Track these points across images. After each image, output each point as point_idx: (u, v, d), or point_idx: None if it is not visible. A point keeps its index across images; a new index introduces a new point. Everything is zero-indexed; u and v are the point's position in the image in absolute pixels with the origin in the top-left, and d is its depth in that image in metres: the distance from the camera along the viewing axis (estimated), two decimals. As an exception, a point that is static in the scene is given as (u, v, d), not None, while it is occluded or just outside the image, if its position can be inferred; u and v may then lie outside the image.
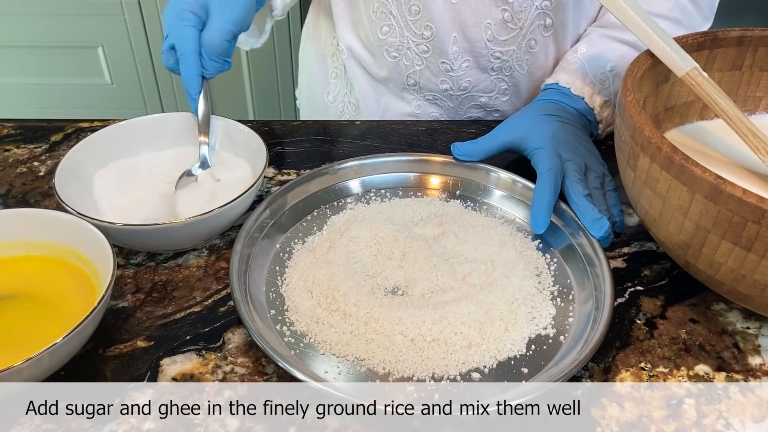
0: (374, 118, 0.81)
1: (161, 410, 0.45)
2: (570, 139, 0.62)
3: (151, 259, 0.57)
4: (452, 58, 0.73)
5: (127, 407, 0.45)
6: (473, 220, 0.61)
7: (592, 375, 0.48)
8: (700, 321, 0.53)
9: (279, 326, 0.51)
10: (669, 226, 0.48)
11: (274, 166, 0.68)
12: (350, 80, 0.81)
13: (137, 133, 0.63)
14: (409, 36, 0.72)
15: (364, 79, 0.80)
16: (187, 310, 0.53)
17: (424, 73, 0.75)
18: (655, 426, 0.45)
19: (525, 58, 0.74)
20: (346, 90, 0.83)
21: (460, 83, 0.75)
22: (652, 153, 0.46)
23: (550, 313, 0.53)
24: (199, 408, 0.45)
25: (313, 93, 0.88)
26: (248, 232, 0.56)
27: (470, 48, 0.72)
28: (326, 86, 0.85)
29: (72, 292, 0.49)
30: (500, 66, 0.74)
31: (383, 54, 0.75)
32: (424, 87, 0.76)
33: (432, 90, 0.77)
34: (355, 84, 0.81)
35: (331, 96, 0.85)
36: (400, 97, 0.79)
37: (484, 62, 0.73)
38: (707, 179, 0.42)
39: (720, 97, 0.55)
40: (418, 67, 0.75)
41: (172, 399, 0.46)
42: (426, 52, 0.73)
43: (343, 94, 0.84)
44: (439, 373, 0.48)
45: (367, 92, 0.81)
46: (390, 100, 0.80)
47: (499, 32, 0.71)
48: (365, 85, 0.80)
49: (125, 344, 0.50)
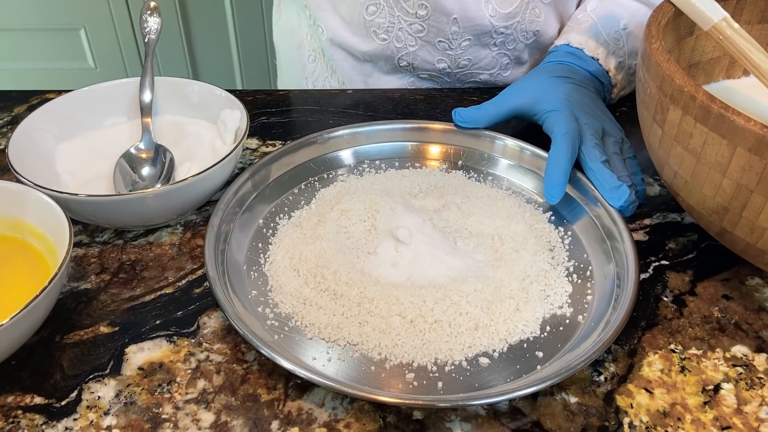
0: None
1: (124, 404, 0.39)
2: (586, 102, 0.56)
3: (119, 237, 0.51)
4: (451, 38, 0.67)
5: (86, 401, 0.39)
6: (478, 192, 0.56)
7: (616, 359, 0.43)
8: (734, 297, 0.47)
9: (261, 308, 0.45)
10: (703, 188, 0.42)
11: (258, 137, 0.62)
12: (331, 62, 0.75)
13: (103, 101, 0.57)
14: (401, 15, 0.66)
15: (347, 61, 0.73)
16: (158, 291, 0.47)
17: (419, 53, 0.69)
18: (690, 415, 0.39)
19: (530, 29, 0.68)
20: (326, 74, 0.77)
21: (459, 61, 0.69)
22: (685, 103, 0.40)
23: (566, 290, 0.47)
24: (169, 401, 0.39)
25: (292, 80, 0.81)
26: (227, 205, 0.50)
27: (472, 26, 0.65)
28: (303, 71, 0.78)
29: (23, 273, 0.43)
30: (503, 41, 0.68)
31: (371, 36, 0.68)
32: (419, 67, 0.70)
33: (427, 69, 0.70)
34: (338, 67, 0.74)
35: (310, 82, 0.78)
36: (390, 75, 0.73)
37: (486, 39, 0.67)
38: (752, 129, 0.37)
39: (753, 51, 0.49)
40: (412, 48, 0.68)
41: (136, 391, 0.40)
42: (421, 31, 0.67)
43: (323, 78, 0.77)
44: (442, 358, 0.42)
45: (351, 75, 0.74)
46: (379, 78, 0.73)
47: (501, 4, 0.64)
48: (349, 68, 0.73)
49: (86, 330, 0.44)
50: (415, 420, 0.39)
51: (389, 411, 0.39)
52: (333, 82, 0.76)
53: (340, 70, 0.74)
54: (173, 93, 0.58)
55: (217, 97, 0.56)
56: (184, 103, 0.58)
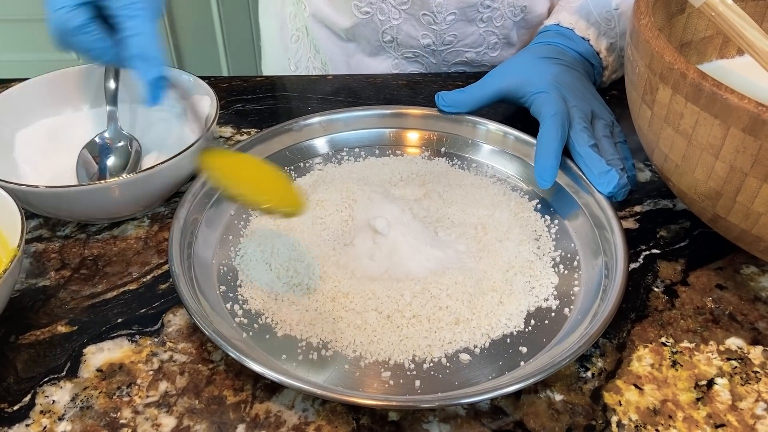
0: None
1: (80, 408, 0.37)
2: (575, 83, 0.54)
3: (81, 231, 0.49)
4: (435, 11, 0.64)
5: (40, 405, 0.37)
6: (461, 180, 0.53)
7: (603, 353, 0.40)
8: (729, 287, 0.45)
9: (230, 305, 0.43)
10: (695, 172, 0.39)
11: (233, 126, 0.60)
12: (314, 42, 0.72)
13: (65, 89, 0.54)
14: None
15: (330, 39, 0.70)
16: (121, 288, 0.44)
17: (403, 27, 0.66)
18: (682, 412, 0.37)
19: (518, 4, 0.65)
20: (309, 54, 0.74)
21: (444, 37, 0.66)
22: (675, 82, 0.38)
23: (551, 282, 0.45)
24: (128, 405, 0.37)
25: (275, 62, 0.78)
26: (194, 196, 0.47)
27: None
28: (286, 52, 0.76)
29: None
30: (490, 16, 0.65)
31: (352, 10, 0.66)
32: (403, 43, 0.67)
33: (412, 46, 0.68)
34: (321, 46, 0.71)
35: (293, 63, 0.76)
36: (373, 55, 0.70)
37: (472, 13, 0.65)
38: (746, 107, 0.34)
39: (747, 28, 0.46)
40: (395, 22, 0.66)
41: (94, 394, 0.38)
42: (404, 3, 0.64)
43: (306, 59, 0.74)
44: (420, 355, 0.40)
45: (334, 54, 0.71)
46: (362, 60, 0.71)
47: None
48: (331, 46, 0.71)
49: (43, 330, 0.41)
50: (391, 421, 0.37)
51: (363, 412, 0.37)
52: (316, 62, 0.74)
53: (323, 50, 0.71)
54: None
55: (186, 83, 0.53)
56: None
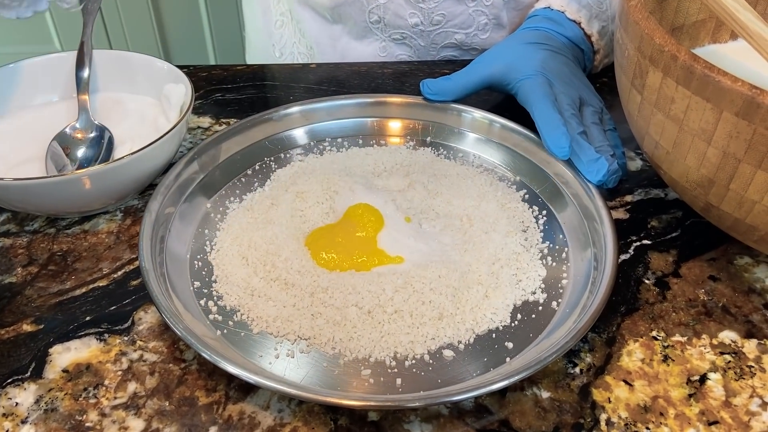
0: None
1: (44, 411, 0.35)
2: (563, 69, 0.52)
3: (51, 225, 0.47)
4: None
5: (2, 408, 0.35)
6: (446, 170, 0.51)
7: (592, 348, 0.39)
8: (722, 278, 0.43)
9: (204, 301, 0.41)
10: (686, 159, 0.38)
11: (212, 116, 0.58)
12: (299, 26, 0.70)
13: (34, 78, 0.52)
14: None
15: (315, 21, 0.69)
16: (91, 284, 0.42)
17: (390, 6, 0.64)
18: (673, 409, 0.36)
19: None
20: (294, 39, 0.72)
21: (433, 17, 0.65)
22: (665, 65, 0.36)
23: (539, 274, 0.43)
24: (94, 407, 0.35)
25: (259, 49, 0.76)
26: (167, 188, 0.45)
27: None
28: (270, 38, 0.74)
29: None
30: None
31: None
32: (390, 23, 0.66)
33: (399, 27, 0.66)
34: (306, 29, 0.69)
35: (277, 50, 0.74)
36: (360, 38, 0.68)
37: None
38: (740, 90, 0.33)
39: (740, 10, 0.45)
40: (382, 0, 0.64)
41: (59, 396, 0.36)
42: None
43: (291, 44, 0.72)
44: (402, 352, 0.38)
45: (319, 38, 0.69)
46: (348, 43, 0.69)
47: None
48: (317, 29, 0.69)
49: (7, 329, 0.39)
50: (371, 422, 0.35)
51: (342, 412, 0.35)
52: (301, 47, 0.72)
53: (308, 34, 0.69)
54: (113, 67, 0.53)
55: (160, 71, 0.51)
56: (124, 78, 0.53)
